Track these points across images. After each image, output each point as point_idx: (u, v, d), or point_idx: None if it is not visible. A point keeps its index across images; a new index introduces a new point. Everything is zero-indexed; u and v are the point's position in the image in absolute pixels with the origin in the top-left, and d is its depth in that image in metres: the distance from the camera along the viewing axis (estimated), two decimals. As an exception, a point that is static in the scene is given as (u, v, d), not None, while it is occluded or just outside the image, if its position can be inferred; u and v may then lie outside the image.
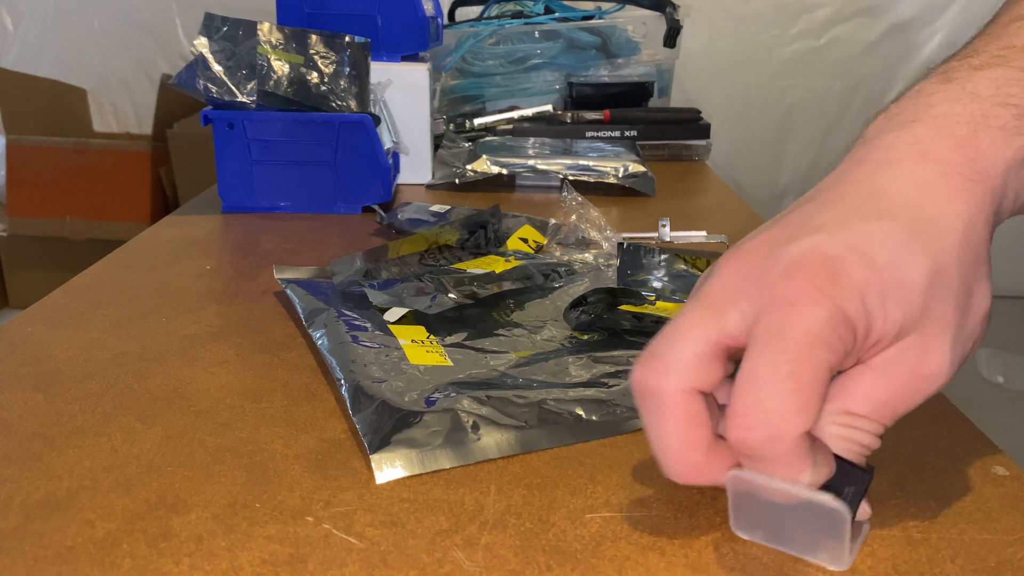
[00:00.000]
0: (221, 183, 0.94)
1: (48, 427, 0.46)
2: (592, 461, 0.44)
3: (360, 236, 0.86)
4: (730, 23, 2.54)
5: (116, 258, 0.77)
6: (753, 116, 2.61)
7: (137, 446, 0.45)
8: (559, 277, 0.69)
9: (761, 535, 0.37)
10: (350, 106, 0.92)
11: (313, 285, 0.65)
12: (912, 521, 0.39)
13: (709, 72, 2.53)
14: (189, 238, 0.84)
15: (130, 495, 0.40)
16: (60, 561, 0.36)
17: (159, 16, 2.66)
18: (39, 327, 0.60)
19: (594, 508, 0.40)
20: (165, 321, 0.62)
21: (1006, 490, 0.42)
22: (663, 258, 0.67)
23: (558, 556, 0.36)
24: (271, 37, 0.90)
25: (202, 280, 0.71)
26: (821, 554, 0.36)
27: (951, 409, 0.51)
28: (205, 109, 0.91)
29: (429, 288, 0.62)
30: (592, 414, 0.48)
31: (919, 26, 2.48)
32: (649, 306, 0.60)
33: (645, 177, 1.06)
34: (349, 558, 0.36)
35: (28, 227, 2.40)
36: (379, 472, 0.42)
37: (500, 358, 0.55)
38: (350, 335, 0.55)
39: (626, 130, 1.29)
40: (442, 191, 1.07)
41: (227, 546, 0.37)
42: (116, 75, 2.72)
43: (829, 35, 2.52)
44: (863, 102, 2.56)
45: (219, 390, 0.51)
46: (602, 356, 0.55)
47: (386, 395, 0.48)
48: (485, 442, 0.44)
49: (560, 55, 1.42)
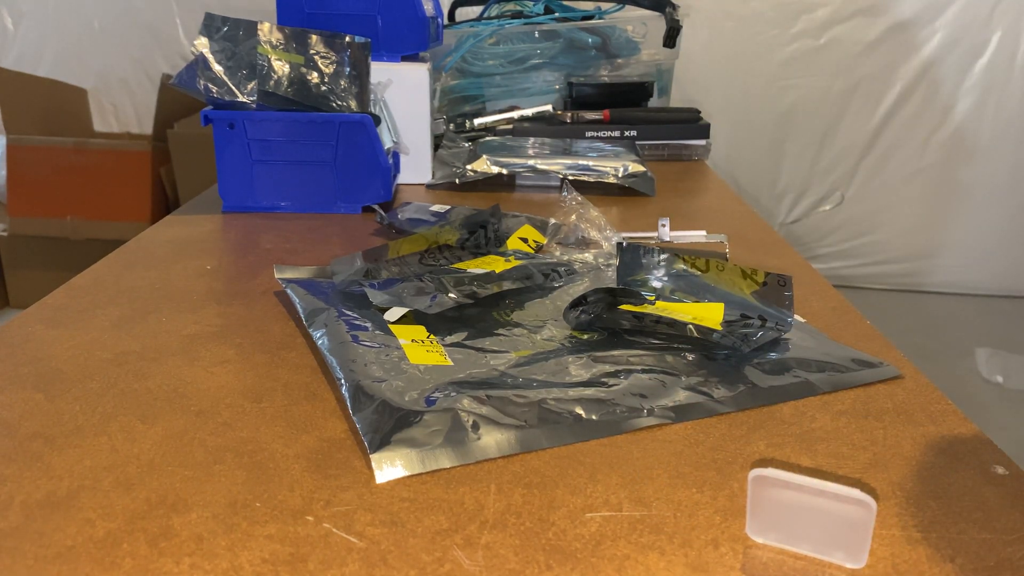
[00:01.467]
0: (221, 183, 0.94)
1: (48, 427, 0.46)
2: (592, 461, 0.44)
3: (360, 236, 0.86)
4: (730, 23, 2.54)
5: (116, 258, 0.77)
6: (753, 116, 2.61)
7: (137, 446, 0.45)
8: (559, 277, 0.69)
9: (775, 536, 0.37)
10: (350, 106, 0.92)
11: (313, 285, 0.65)
12: (912, 521, 0.39)
13: (709, 72, 2.53)
14: (189, 238, 0.84)
15: (130, 494, 0.40)
16: (60, 560, 0.36)
17: (159, 16, 2.66)
18: (39, 327, 0.61)
19: (594, 508, 0.40)
20: (165, 321, 0.62)
21: (1006, 490, 0.42)
22: (663, 258, 0.67)
23: (558, 555, 0.36)
24: (271, 37, 0.90)
25: (202, 280, 0.71)
26: (837, 553, 0.36)
27: (951, 409, 0.51)
28: (205, 109, 0.91)
29: (429, 288, 0.62)
30: (592, 413, 0.48)
31: (919, 26, 2.48)
32: (649, 306, 0.60)
33: (645, 177, 1.07)
34: (349, 557, 0.36)
35: (28, 227, 2.40)
36: (379, 471, 0.42)
37: (500, 358, 0.55)
38: (350, 335, 0.55)
39: (626, 130, 1.29)
40: (442, 191, 1.07)
41: (227, 545, 0.37)
42: (116, 75, 2.72)
43: (829, 35, 2.52)
44: (863, 102, 2.56)
45: (219, 390, 0.51)
46: (602, 356, 0.55)
47: (386, 395, 0.48)
48: (485, 441, 0.45)
49: (560, 55, 1.42)
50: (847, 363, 0.56)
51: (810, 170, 2.65)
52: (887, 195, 2.64)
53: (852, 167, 2.63)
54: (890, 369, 0.56)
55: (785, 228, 2.72)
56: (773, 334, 0.57)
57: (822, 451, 0.46)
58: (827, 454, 0.45)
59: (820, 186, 2.66)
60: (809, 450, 0.46)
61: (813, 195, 2.68)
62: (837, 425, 0.49)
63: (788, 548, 0.37)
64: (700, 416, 0.49)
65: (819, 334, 0.61)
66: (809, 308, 0.68)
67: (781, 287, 0.61)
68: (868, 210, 2.65)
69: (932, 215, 2.64)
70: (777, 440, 0.47)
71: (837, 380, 0.54)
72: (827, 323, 0.65)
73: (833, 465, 0.44)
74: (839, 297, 0.70)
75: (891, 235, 2.67)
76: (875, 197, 2.64)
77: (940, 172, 2.59)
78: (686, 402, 0.50)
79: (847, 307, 0.68)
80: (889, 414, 0.50)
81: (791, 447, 0.46)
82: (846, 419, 0.49)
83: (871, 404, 0.51)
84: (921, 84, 2.52)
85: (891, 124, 2.57)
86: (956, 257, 2.65)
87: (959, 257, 2.65)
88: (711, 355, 0.56)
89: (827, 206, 2.67)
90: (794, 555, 0.37)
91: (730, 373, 0.53)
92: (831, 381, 0.53)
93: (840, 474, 0.44)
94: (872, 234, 2.68)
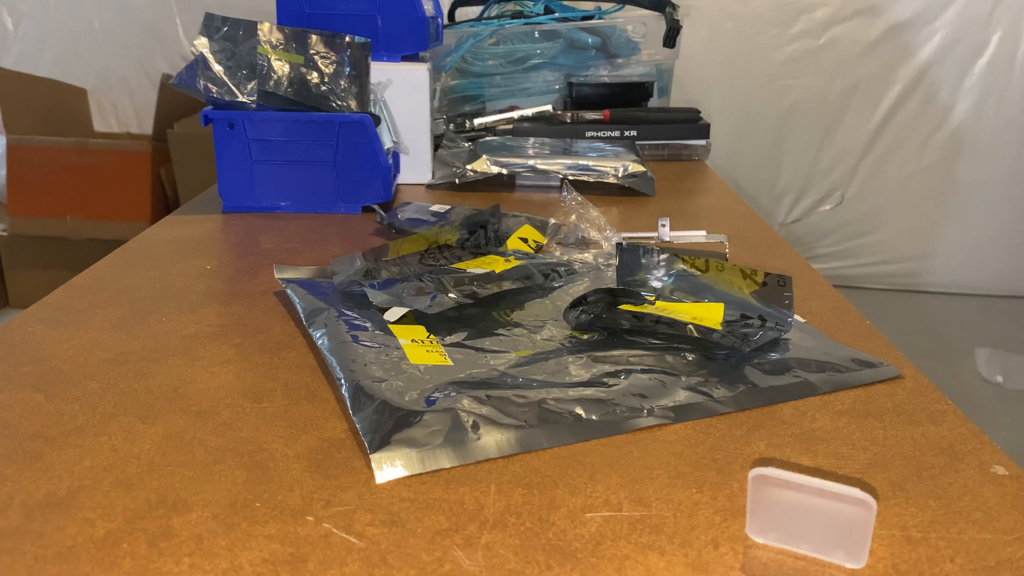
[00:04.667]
0: (221, 183, 0.94)
1: (48, 427, 0.46)
2: (592, 461, 0.44)
3: (360, 236, 0.86)
4: (730, 23, 2.54)
5: (116, 258, 0.77)
6: (753, 116, 2.61)
7: (137, 446, 0.45)
8: (559, 277, 0.69)
9: (775, 537, 0.37)
10: (350, 106, 0.92)
11: (313, 285, 0.65)
12: (912, 521, 0.39)
13: (709, 72, 2.53)
14: (189, 238, 0.84)
15: (130, 494, 0.40)
16: (60, 561, 0.36)
17: (159, 16, 2.66)
18: (39, 327, 0.61)
19: (594, 507, 0.40)
20: (165, 321, 0.62)
21: (1006, 490, 0.42)
22: (663, 258, 0.67)
23: (558, 555, 0.36)
24: (271, 37, 0.90)
25: (202, 280, 0.71)
26: (837, 553, 0.36)
27: (951, 409, 0.51)
28: (205, 109, 0.91)
29: (429, 288, 0.62)
30: (592, 413, 0.48)
31: (918, 26, 2.48)
32: (649, 306, 0.60)
33: (645, 177, 1.07)
34: (349, 557, 0.36)
35: (28, 227, 2.40)
36: (379, 471, 0.42)
37: (500, 358, 0.55)
38: (350, 335, 0.55)
39: (626, 130, 1.29)
40: (442, 191, 1.07)
41: (227, 545, 0.37)
42: (116, 75, 2.72)
43: (828, 35, 2.52)
44: (862, 102, 2.56)
45: (219, 390, 0.51)
46: (602, 356, 0.55)
47: (386, 395, 0.48)
48: (485, 441, 0.44)
49: (560, 55, 1.42)
50: (847, 363, 0.56)
51: (810, 170, 2.65)
52: (887, 195, 2.64)
53: (852, 167, 2.63)
54: (890, 369, 0.56)
55: (785, 228, 2.72)
56: (773, 334, 0.57)
57: (822, 451, 0.46)
58: (827, 454, 0.45)
59: (820, 186, 2.66)
60: (809, 450, 0.46)
61: (813, 195, 2.68)
62: (837, 425, 0.49)
63: (788, 548, 0.37)
64: (700, 416, 0.49)
65: (819, 334, 0.61)
66: (809, 308, 0.68)
67: (781, 287, 0.61)
68: (868, 210, 2.65)
69: (932, 215, 2.63)
70: (777, 440, 0.47)
71: (837, 380, 0.54)
72: (827, 323, 0.65)
73: (833, 465, 0.44)
74: (839, 297, 0.70)
75: (891, 235, 2.67)
76: (875, 197, 2.64)
77: (940, 172, 2.59)
78: (686, 402, 0.50)
79: (847, 307, 0.68)
80: (889, 414, 0.50)
81: (791, 447, 0.46)
82: (846, 419, 0.49)
83: (871, 404, 0.51)
84: (921, 84, 2.52)
85: (891, 124, 2.57)
86: (956, 257, 2.65)
87: (959, 257, 2.65)
88: (711, 355, 0.56)
89: (827, 206, 2.67)
90: (794, 555, 0.37)
91: (730, 373, 0.53)
92: (831, 381, 0.53)
93: (840, 474, 0.44)
94: (872, 234, 2.68)
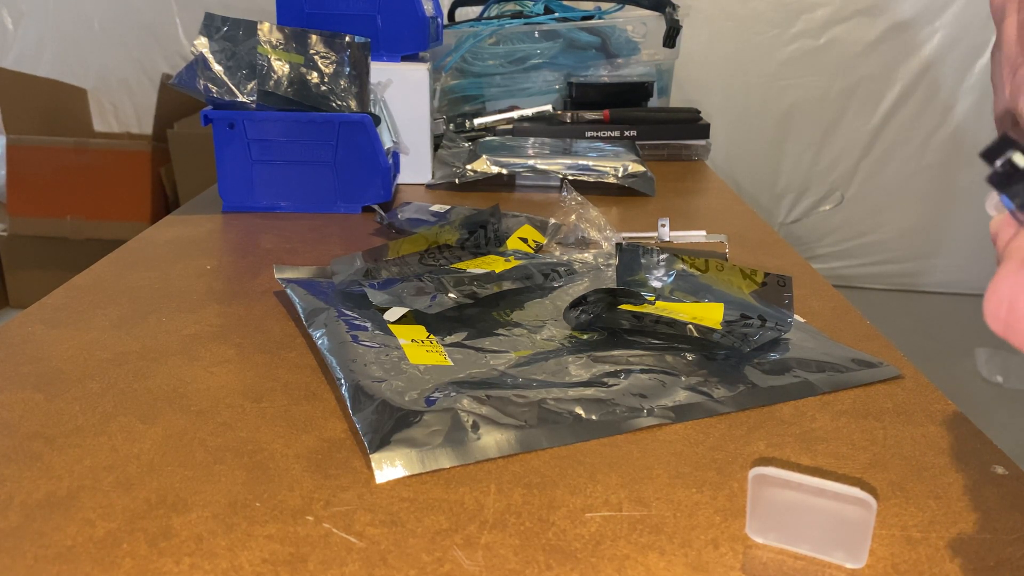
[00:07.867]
0: (221, 183, 0.94)
1: (48, 427, 0.46)
2: (592, 461, 0.44)
3: (360, 236, 0.86)
4: (730, 23, 2.54)
5: (116, 258, 0.77)
6: (753, 116, 2.61)
7: (137, 446, 0.45)
8: (559, 277, 0.69)
9: (775, 536, 0.37)
10: (350, 106, 0.92)
11: (313, 285, 0.65)
12: (912, 521, 0.39)
13: (709, 72, 2.53)
14: (189, 238, 0.84)
15: (130, 494, 0.40)
16: (60, 561, 0.36)
17: (159, 16, 2.66)
18: (39, 327, 0.60)
19: (594, 507, 0.40)
20: (165, 321, 0.62)
21: (1006, 490, 0.42)
22: (662, 258, 0.67)
23: (558, 555, 0.36)
24: (271, 37, 0.90)
25: (202, 280, 0.71)
26: (837, 552, 0.36)
27: (951, 409, 0.51)
28: (205, 109, 0.91)
29: (429, 288, 0.62)
30: (592, 413, 0.48)
31: (919, 26, 2.48)
32: (649, 306, 0.60)
33: (645, 177, 1.06)
34: (349, 557, 0.36)
35: (28, 227, 2.40)
36: (379, 471, 0.42)
37: (500, 358, 0.55)
38: (350, 335, 0.55)
39: (626, 130, 1.29)
40: (442, 191, 1.07)
41: (227, 545, 0.37)
42: (116, 75, 2.72)
43: (828, 35, 2.52)
44: (862, 102, 2.56)
45: (219, 390, 0.51)
46: (602, 356, 0.55)
47: (386, 395, 0.48)
48: (485, 441, 0.44)
49: (560, 55, 1.42)
50: (847, 363, 0.56)
51: (810, 170, 2.65)
52: (887, 195, 2.64)
53: (852, 167, 2.63)
54: (890, 369, 0.56)
55: (785, 228, 2.72)
56: (773, 334, 0.57)
57: (822, 451, 0.46)
58: (827, 454, 0.45)
59: (820, 186, 2.66)
60: (809, 450, 0.46)
61: (813, 195, 2.68)
62: (837, 425, 0.49)
63: (788, 548, 0.37)
64: (700, 416, 0.49)
65: (819, 334, 0.61)
66: (809, 308, 0.68)
67: (781, 287, 0.61)
68: (868, 210, 2.65)
69: (932, 215, 2.64)
70: (777, 440, 0.47)
71: (837, 380, 0.54)
72: (827, 323, 0.65)
73: (833, 465, 0.44)
74: (839, 297, 0.70)
75: (891, 235, 2.67)
76: (875, 197, 2.64)
77: (940, 172, 2.59)
78: (686, 402, 0.50)
79: (847, 307, 0.68)
80: (889, 414, 0.50)
81: (791, 447, 0.46)
82: (846, 419, 0.49)
83: (871, 404, 0.51)
84: (921, 84, 2.52)
85: (891, 124, 2.57)
86: (956, 257, 2.65)
87: (959, 257, 2.65)
88: (711, 355, 0.56)
89: (827, 206, 2.67)
90: (794, 555, 0.37)
91: (730, 373, 0.53)
92: (831, 381, 0.53)
93: (840, 474, 0.44)
94: (872, 234, 2.68)
